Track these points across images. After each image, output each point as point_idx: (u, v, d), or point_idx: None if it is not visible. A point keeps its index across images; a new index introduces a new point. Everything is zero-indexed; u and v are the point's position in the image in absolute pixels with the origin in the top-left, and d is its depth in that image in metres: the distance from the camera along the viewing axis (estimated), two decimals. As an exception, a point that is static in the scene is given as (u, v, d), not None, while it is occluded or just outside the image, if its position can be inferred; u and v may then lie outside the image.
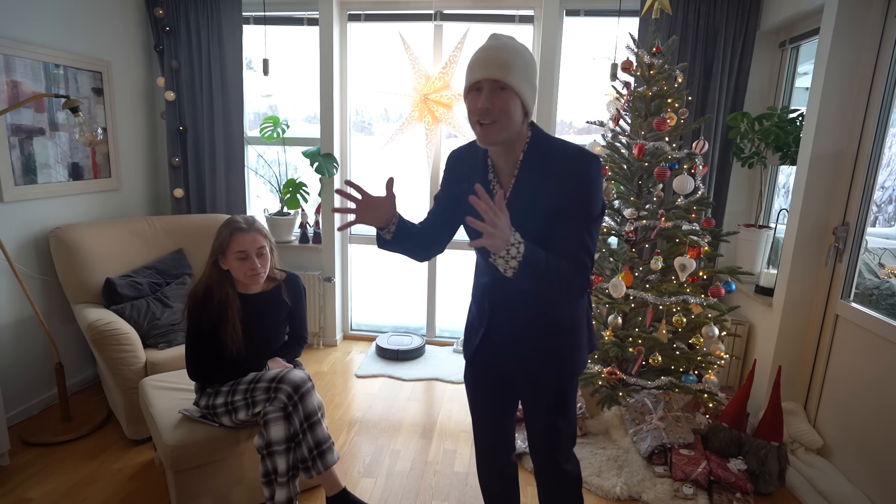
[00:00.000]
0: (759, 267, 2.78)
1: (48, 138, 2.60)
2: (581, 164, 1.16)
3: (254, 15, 3.24)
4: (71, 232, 2.53)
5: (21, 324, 2.53)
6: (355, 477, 2.20)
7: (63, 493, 2.02)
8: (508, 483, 1.59)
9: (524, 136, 1.23)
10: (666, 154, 2.35)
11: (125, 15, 3.08)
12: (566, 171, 1.17)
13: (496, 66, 1.13)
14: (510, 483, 1.60)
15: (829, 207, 2.26)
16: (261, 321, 1.87)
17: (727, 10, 2.73)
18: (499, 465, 1.56)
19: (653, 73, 2.43)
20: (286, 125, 3.28)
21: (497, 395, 1.48)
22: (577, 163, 1.17)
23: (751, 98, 2.87)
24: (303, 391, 1.74)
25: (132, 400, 2.26)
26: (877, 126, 2.06)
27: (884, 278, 2.14)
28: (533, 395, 1.39)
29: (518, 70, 1.13)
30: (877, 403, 1.98)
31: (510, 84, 1.12)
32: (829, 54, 2.13)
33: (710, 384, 2.38)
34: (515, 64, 1.13)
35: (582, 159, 1.17)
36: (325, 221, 3.43)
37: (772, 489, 2.13)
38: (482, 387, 1.48)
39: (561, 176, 1.17)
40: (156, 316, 2.50)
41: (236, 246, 1.75)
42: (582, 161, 1.17)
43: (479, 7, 3.15)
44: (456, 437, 2.52)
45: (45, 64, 2.56)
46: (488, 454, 1.56)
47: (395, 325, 3.84)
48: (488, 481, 1.59)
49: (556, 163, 1.19)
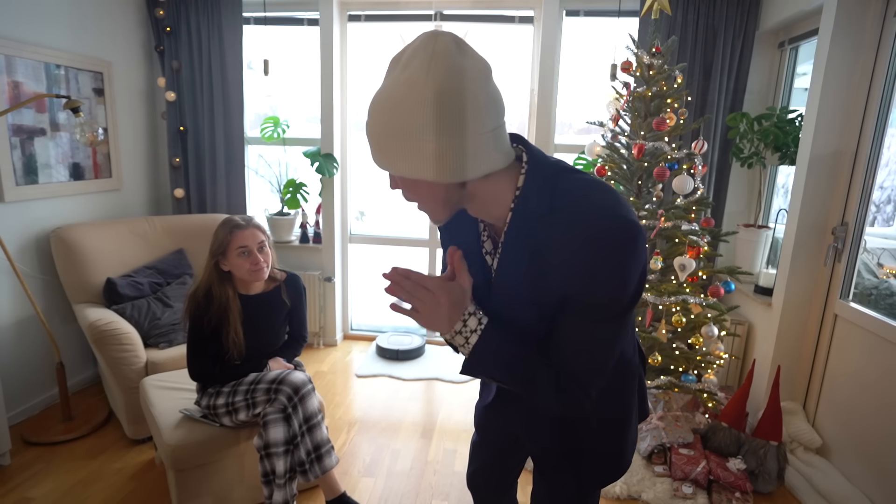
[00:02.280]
0: (759, 267, 2.79)
1: (49, 138, 2.61)
2: (595, 245, 0.74)
3: (254, 15, 3.25)
4: (72, 232, 2.53)
5: (22, 323, 2.53)
6: (355, 477, 2.20)
7: (64, 493, 2.03)
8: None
9: (505, 187, 0.82)
10: (665, 154, 2.35)
11: (126, 15, 3.08)
12: (574, 248, 0.76)
13: (371, 147, 0.80)
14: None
15: (828, 207, 2.27)
16: (261, 322, 1.88)
17: (726, 11, 2.74)
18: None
19: (652, 73, 2.43)
20: (286, 125, 3.29)
21: (506, 444, 1.21)
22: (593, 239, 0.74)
23: (750, 98, 2.88)
24: (303, 393, 1.74)
25: (133, 399, 2.26)
26: (875, 126, 2.07)
27: (882, 278, 2.15)
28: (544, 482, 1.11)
29: (394, 149, 0.75)
30: (876, 403, 1.99)
31: (398, 175, 0.79)
32: (828, 54, 2.14)
33: (710, 384, 2.38)
34: (381, 144, 0.77)
35: (602, 233, 0.74)
36: (325, 221, 3.43)
37: (771, 488, 2.13)
38: (488, 428, 1.23)
39: (562, 255, 0.77)
40: (156, 316, 2.50)
41: (237, 242, 1.75)
42: (597, 238, 0.74)
43: (479, 7, 3.16)
44: (456, 436, 2.53)
45: (46, 64, 2.56)
46: (485, 495, 1.31)
47: (395, 325, 3.85)
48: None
49: (560, 232, 0.77)
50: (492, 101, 0.75)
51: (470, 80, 0.73)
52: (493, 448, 1.24)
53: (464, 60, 0.73)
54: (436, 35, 0.73)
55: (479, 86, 0.74)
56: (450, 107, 0.71)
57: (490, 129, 0.75)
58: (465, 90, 0.72)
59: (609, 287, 0.77)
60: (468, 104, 0.72)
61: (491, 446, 1.24)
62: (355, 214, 3.71)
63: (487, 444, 1.25)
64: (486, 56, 0.79)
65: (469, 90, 0.72)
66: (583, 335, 0.81)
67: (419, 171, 0.75)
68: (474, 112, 0.73)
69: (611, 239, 0.75)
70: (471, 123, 0.73)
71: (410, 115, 0.72)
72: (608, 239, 0.75)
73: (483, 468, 1.28)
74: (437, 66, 0.71)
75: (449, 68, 0.71)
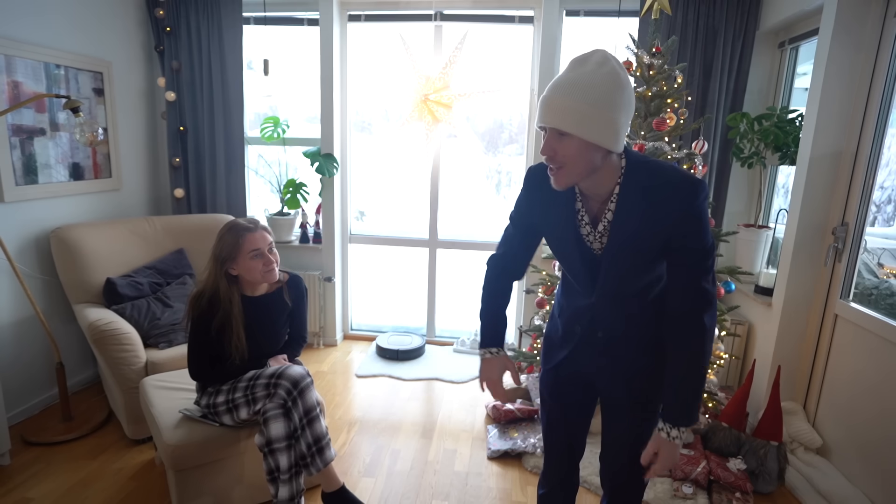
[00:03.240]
0: (759, 267, 2.79)
1: (49, 138, 2.61)
2: (686, 195, 1.06)
3: (254, 15, 3.25)
4: (72, 232, 2.53)
5: (22, 323, 2.53)
6: (355, 477, 2.20)
7: (63, 493, 2.03)
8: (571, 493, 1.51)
9: (615, 167, 1.11)
10: (665, 154, 2.35)
11: (126, 15, 3.08)
12: (670, 203, 1.07)
13: (553, 113, 1.04)
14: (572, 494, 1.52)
15: (829, 207, 2.26)
16: (263, 323, 1.88)
17: (727, 11, 2.74)
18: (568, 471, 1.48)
19: (652, 73, 2.43)
20: (286, 125, 3.29)
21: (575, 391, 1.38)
22: (681, 193, 1.07)
23: (750, 98, 2.88)
24: (302, 386, 1.74)
25: (133, 400, 2.26)
26: (876, 126, 2.07)
27: (883, 278, 2.15)
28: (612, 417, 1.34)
29: (582, 114, 1.01)
30: (876, 403, 1.98)
31: (570, 132, 1.02)
32: (829, 54, 2.13)
33: (710, 384, 2.38)
34: (578, 109, 1.01)
35: (686, 188, 1.07)
36: (325, 221, 3.43)
37: (771, 489, 2.13)
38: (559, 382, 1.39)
39: (664, 209, 1.08)
40: (156, 316, 2.50)
41: (249, 245, 1.76)
42: (686, 190, 1.06)
43: (479, 7, 3.16)
44: (456, 436, 2.53)
45: (45, 64, 2.56)
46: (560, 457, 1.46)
47: (395, 325, 3.85)
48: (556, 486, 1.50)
49: (657, 194, 1.08)
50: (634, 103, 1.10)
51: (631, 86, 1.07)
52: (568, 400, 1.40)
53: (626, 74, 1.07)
54: (610, 53, 1.06)
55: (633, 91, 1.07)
56: (629, 98, 1.05)
57: (629, 121, 1.08)
58: (632, 91, 1.07)
59: (698, 228, 1.08)
60: (632, 100, 1.07)
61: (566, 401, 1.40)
62: (355, 214, 3.71)
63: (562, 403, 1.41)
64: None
65: (632, 91, 1.07)
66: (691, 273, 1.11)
67: (601, 135, 1.03)
68: (632, 106, 1.07)
69: (695, 190, 1.07)
70: (630, 112, 1.07)
71: (611, 95, 1.02)
72: (693, 190, 1.07)
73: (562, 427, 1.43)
74: (622, 72, 1.04)
75: (627, 76, 1.05)
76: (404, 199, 3.75)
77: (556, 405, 1.41)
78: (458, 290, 3.74)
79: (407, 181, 3.68)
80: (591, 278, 1.21)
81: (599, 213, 1.16)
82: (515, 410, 2.57)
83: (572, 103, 1.01)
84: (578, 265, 1.21)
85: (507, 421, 2.58)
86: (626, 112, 1.05)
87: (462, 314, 3.77)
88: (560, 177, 1.09)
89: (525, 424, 2.54)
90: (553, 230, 1.24)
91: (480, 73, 3.30)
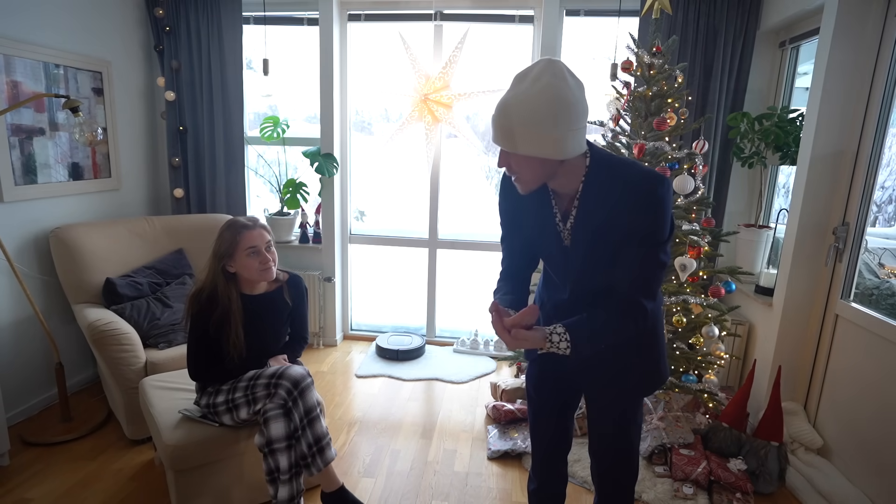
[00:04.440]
0: (759, 267, 2.78)
1: (48, 138, 2.60)
2: (644, 191, 1.11)
3: (254, 15, 3.24)
4: (71, 232, 2.53)
5: (21, 324, 2.53)
6: (355, 477, 2.20)
7: (63, 493, 2.02)
8: (561, 486, 1.58)
9: (579, 166, 1.16)
10: (666, 154, 2.35)
11: (125, 15, 3.08)
12: (628, 199, 1.12)
13: (497, 134, 1.09)
14: (562, 486, 1.58)
15: (829, 207, 2.26)
16: (263, 323, 1.88)
17: (727, 10, 2.73)
18: (556, 464, 1.55)
19: (653, 73, 2.43)
20: (286, 125, 3.28)
21: (559, 387, 1.45)
22: (639, 189, 1.12)
23: (751, 98, 2.87)
24: (302, 387, 1.74)
25: (132, 400, 2.26)
26: (877, 126, 2.06)
27: (884, 278, 2.14)
28: (596, 407, 1.42)
29: (521, 136, 1.05)
30: (877, 403, 1.98)
31: (517, 153, 1.08)
32: (829, 54, 2.13)
33: (710, 384, 2.37)
34: (517, 131, 1.05)
35: (643, 184, 1.12)
36: (324, 221, 3.43)
37: (772, 489, 2.13)
38: (543, 378, 1.46)
39: (622, 205, 1.13)
40: (156, 316, 2.50)
41: (246, 243, 1.76)
42: (644, 186, 1.11)
43: (479, 7, 3.15)
44: (456, 437, 2.52)
45: (45, 64, 2.56)
46: (548, 451, 1.53)
47: (395, 325, 3.84)
48: (546, 479, 1.56)
49: (618, 190, 1.14)
50: (585, 106, 1.09)
51: (576, 92, 1.06)
52: (552, 395, 1.47)
53: (572, 79, 1.06)
54: (552, 61, 1.06)
55: (580, 96, 1.07)
56: (567, 109, 1.04)
57: (583, 125, 1.10)
58: (575, 99, 1.06)
59: (659, 219, 1.12)
60: (576, 108, 1.06)
61: (550, 396, 1.47)
62: (355, 214, 3.71)
63: (546, 397, 1.47)
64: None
65: (576, 98, 1.06)
66: (641, 258, 1.15)
67: (542, 151, 1.06)
68: (577, 113, 1.06)
69: (651, 186, 1.11)
70: (575, 121, 1.06)
71: (543, 113, 1.03)
72: (651, 186, 1.11)
73: (548, 421, 1.49)
74: (559, 82, 1.04)
75: (567, 84, 1.04)
76: (404, 199, 3.75)
77: (540, 399, 1.48)
78: (459, 290, 3.74)
79: (407, 181, 3.67)
80: (566, 272, 1.29)
81: (569, 209, 1.22)
82: (515, 410, 2.57)
83: (512, 126, 1.05)
84: (554, 259, 1.30)
85: (507, 421, 2.58)
86: (568, 123, 1.05)
87: (461, 315, 3.77)
88: (520, 185, 1.16)
89: (525, 425, 2.54)
90: (533, 227, 1.31)
91: (480, 72, 3.29)
